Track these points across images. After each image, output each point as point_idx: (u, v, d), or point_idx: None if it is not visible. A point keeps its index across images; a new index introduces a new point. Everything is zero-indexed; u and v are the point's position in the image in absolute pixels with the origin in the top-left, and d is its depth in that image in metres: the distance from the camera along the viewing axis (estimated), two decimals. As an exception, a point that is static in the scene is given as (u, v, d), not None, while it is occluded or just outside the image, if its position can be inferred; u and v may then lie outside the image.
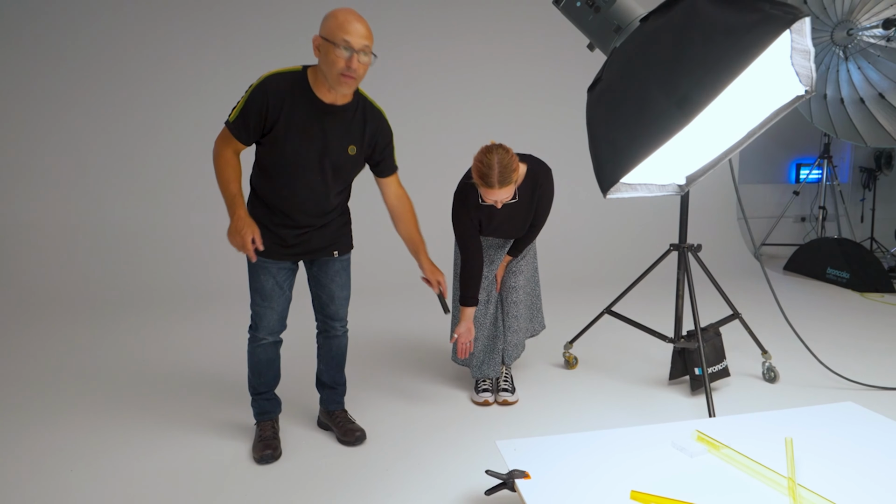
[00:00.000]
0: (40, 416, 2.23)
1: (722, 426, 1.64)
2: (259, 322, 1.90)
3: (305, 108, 1.67)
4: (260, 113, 1.64)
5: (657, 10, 0.92)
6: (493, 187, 1.96)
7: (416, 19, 4.65)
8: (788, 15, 0.75)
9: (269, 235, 1.80)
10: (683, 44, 0.82)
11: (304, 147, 1.70)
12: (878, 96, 4.47)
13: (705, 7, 0.81)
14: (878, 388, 2.44)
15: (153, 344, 3.06)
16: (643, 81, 0.85)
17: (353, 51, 1.56)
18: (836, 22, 4.55)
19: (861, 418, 1.70)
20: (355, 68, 1.57)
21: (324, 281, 1.95)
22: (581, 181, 4.50)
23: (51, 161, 4.19)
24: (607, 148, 0.87)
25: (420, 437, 2.07)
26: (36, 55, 4.11)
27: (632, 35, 0.96)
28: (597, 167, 0.93)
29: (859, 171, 5.85)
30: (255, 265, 1.84)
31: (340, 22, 1.56)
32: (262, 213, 1.81)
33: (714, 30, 0.78)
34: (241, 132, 1.68)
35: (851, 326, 3.36)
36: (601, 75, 0.97)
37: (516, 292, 2.39)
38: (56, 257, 4.10)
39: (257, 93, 1.64)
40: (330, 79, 1.60)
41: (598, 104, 0.95)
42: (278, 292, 1.88)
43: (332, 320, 2.01)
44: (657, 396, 2.39)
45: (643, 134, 0.81)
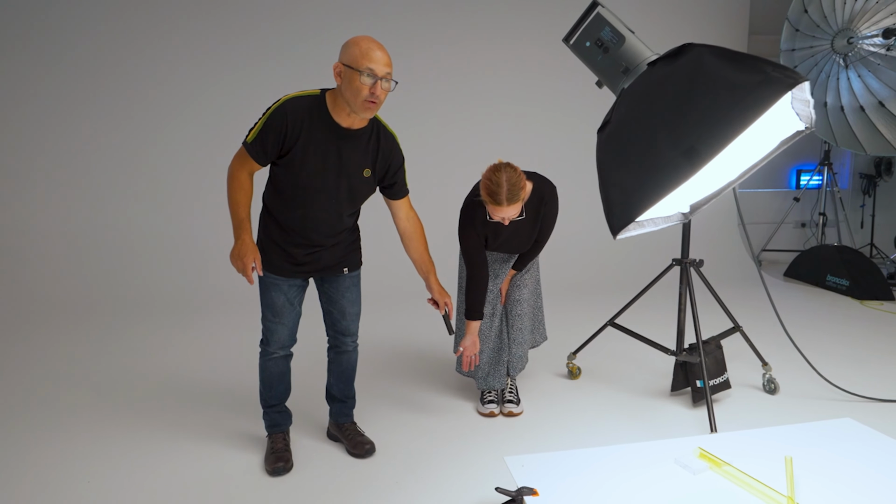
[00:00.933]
0: (47, 427, 2.28)
1: (723, 442, 1.68)
2: (270, 337, 1.95)
3: (323, 131, 1.71)
4: (279, 134, 1.68)
5: (664, 58, 0.96)
6: (502, 205, 2.02)
7: (421, 29, 4.69)
8: (789, 79, 0.79)
9: (280, 253, 1.84)
10: (690, 96, 0.86)
11: (320, 170, 1.74)
12: (878, 104, 4.50)
13: (711, 62, 0.85)
14: (876, 401, 2.49)
15: (161, 352, 3.11)
16: (651, 129, 0.90)
17: (376, 78, 1.62)
18: (836, 30, 4.58)
19: (859, 435, 1.74)
20: (378, 95, 1.64)
21: (335, 297, 2.00)
22: (584, 190, 4.55)
23: (53, 167, 4.23)
24: (617, 193, 0.92)
25: (428, 449, 2.11)
26: (38, 61, 4.15)
27: (640, 78, 1.01)
28: (607, 210, 0.97)
29: (859, 177, 5.89)
30: (266, 282, 1.89)
31: (364, 50, 1.61)
32: (275, 231, 1.85)
33: (719, 85, 0.83)
34: (259, 153, 1.71)
35: (850, 336, 3.40)
36: (610, 117, 1.02)
37: (521, 305, 2.44)
38: (60, 263, 4.14)
39: (277, 115, 1.68)
40: (354, 105, 1.65)
41: (607, 147, 0.99)
42: (289, 308, 1.92)
43: (343, 336, 2.06)
44: (659, 408, 2.44)
45: (651, 182, 0.86)
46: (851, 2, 4.48)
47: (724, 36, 5.29)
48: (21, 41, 4.11)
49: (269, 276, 1.88)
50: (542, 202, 2.26)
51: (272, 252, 1.86)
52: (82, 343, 3.27)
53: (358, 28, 4.52)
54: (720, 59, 0.86)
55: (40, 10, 4.11)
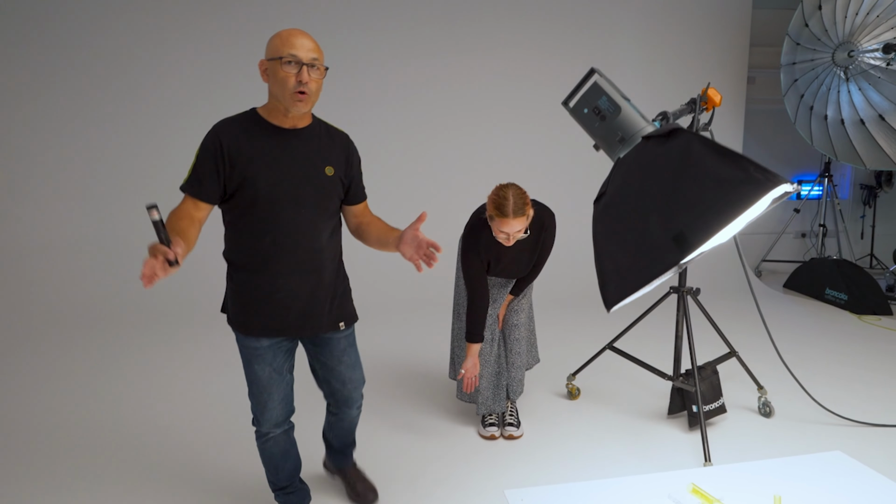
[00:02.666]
0: (36, 465, 2.34)
1: (716, 477, 1.74)
2: (261, 415, 1.68)
3: (266, 136, 1.53)
4: (215, 156, 1.48)
5: (657, 137, 1.02)
6: (508, 217, 2.07)
7: (418, 40, 4.73)
8: (769, 182, 0.85)
9: (255, 310, 1.58)
10: (679, 182, 0.92)
11: (277, 178, 1.51)
12: (878, 118, 4.52)
13: (699, 151, 0.90)
14: (869, 425, 2.54)
15: (161, 368, 3.16)
16: (643, 209, 0.96)
17: (301, 63, 1.45)
18: (837, 43, 4.61)
19: (848, 470, 1.79)
20: (307, 83, 1.45)
21: (331, 364, 1.73)
22: (581, 205, 4.59)
23: (56, 173, 4.27)
24: (611, 269, 0.97)
25: (432, 477, 2.16)
26: (41, 68, 4.18)
27: (634, 150, 1.06)
28: (601, 284, 1.03)
29: (860, 188, 5.92)
30: (246, 353, 1.61)
31: (284, 38, 1.46)
32: (247, 287, 1.58)
33: (706, 176, 0.88)
34: (197, 185, 1.49)
35: (847, 354, 3.45)
36: (605, 189, 1.07)
37: (518, 330, 2.51)
38: (62, 271, 4.19)
39: (208, 139, 1.50)
40: (284, 100, 1.48)
41: (602, 220, 1.05)
42: (277, 380, 1.65)
43: (347, 406, 1.82)
44: (656, 431, 2.50)
45: (644, 263, 0.92)
46: (852, 16, 4.51)
47: (726, 48, 5.32)
48: (23, 53, 4.15)
49: (246, 344, 1.60)
50: (542, 228, 2.32)
51: (247, 312, 1.58)
52: (84, 354, 3.33)
53: (357, 37, 4.56)
54: (707, 149, 0.91)
55: (41, 21, 4.16)
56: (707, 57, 5.27)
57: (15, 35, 4.12)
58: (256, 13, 4.45)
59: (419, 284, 4.27)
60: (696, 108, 2.12)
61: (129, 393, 2.89)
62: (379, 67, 4.67)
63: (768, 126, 5.84)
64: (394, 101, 4.68)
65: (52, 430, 2.50)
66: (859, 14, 4.39)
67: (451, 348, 2.62)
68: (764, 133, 5.88)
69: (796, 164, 5.95)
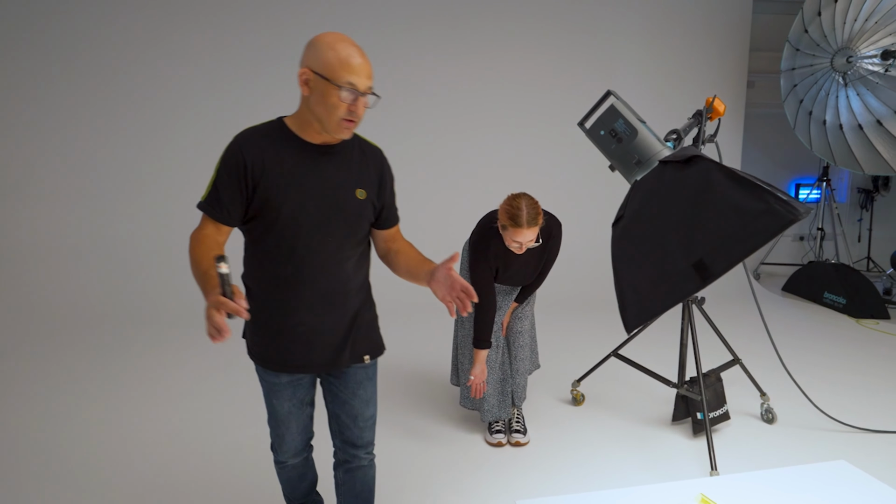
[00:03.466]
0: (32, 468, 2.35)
1: (723, 486, 1.77)
2: (280, 445, 1.63)
3: (293, 153, 1.37)
4: (238, 173, 1.32)
5: (674, 163, 1.04)
6: (522, 227, 2.09)
7: (419, 40, 4.74)
8: (790, 214, 0.87)
9: (278, 345, 1.46)
10: (700, 210, 0.94)
11: (302, 201, 1.36)
12: (876, 123, 4.56)
13: (720, 180, 0.93)
14: (869, 431, 2.58)
15: (160, 370, 3.17)
16: (662, 234, 0.98)
17: (357, 94, 1.29)
18: (836, 49, 4.64)
19: (852, 479, 1.83)
20: (359, 113, 1.32)
21: (344, 396, 1.56)
22: (585, 209, 4.62)
23: (53, 177, 4.26)
24: (631, 293, 1.00)
25: (443, 487, 2.19)
26: (38, 71, 4.16)
27: (651, 174, 1.08)
28: (621, 307, 1.05)
29: (857, 191, 5.97)
30: (266, 385, 1.52)
31: (343, 59, 1.27)
32: (265, 316, 1.44)
33: (727, 206, 0.90)
34: (218, 207, 1.34)
35: (846, 359, 3.49)
36: (623, 212, 1.10)
37: (522, 336, 2.55)
38: (63, 274, 4.18)
39: (229, 152, 1.35)
40: (327, 124, 1.32)
41: (621, 243, 1.07)
42: (297, 413, 1.57)
43: (354, 448, 1.62)
44: (661, 438, 2.53)
45: (665, 289, 0.94)
46: (851, 22, 4.54)
47: (726, 53, 5.35)
48: (19, 56, 4.13)
49: (265, 378, 1.50)
50: (549, 236, 2.35)
51: (266, 345, 1.47)
52: (83, 357, 3.34)
53: (362, 39, 4.56)
54: (727, 179, 0.93)
55: (38, 25, 4.14)
56: (707, 61, 5.30)
57: (12, 39, 4.11)
58: (257, 15, 4.45)
59: (420, 289, 4.29)
60: (703, 119, 2.15)
61: (127, 396, 2.90)
62: (384, 70, 4.68)
63: (768, 130, 5.88)
64: (399, 105, 4.69)
65: (52, 432, 2.51)
66: (858, 20, 4.43)
67: (454, 355, 2.65)
68: (763, 137, 5.92)
69: (795, 168, 6.00)
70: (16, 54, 4.12)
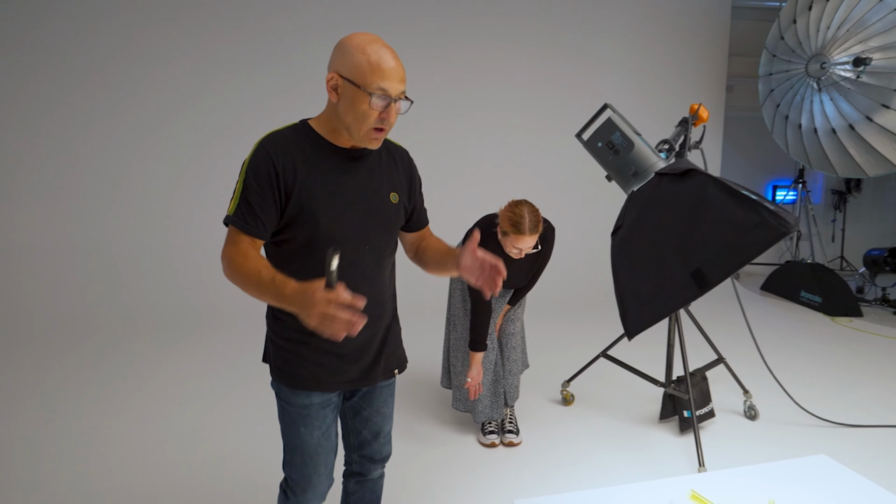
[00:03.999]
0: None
1: (712, 482, 1.84)
2: (304, 486, 1.41)
3: (325, 158, 1.28)
4: (268, 178, 1.21)
5: (671, 175, 1.09)
6: (524, 234, 2.14)
7: (421, 40, 4.77)
8: (781, 227, 0.93)
9: (309, 360, 1.34)
10: (696, 220, 0.99)
11: (338, 210, 1.27)
12: (848, 127, 4.72)
13: (715, 193, 0.98)
14: (846, 426, 2.69)
15: (158, 377, 3.15)
16: (661, 244, 1.03)
17: (390, 100, 1.20)
18: (810, 55, 4.79)
19: (833, 473, 1.92)
20: (392, 122, 1.23)
21: (367, 413, 1.49)
22: (577, 208, 4.69)
23: (48, 180, 4.22)
24: (631, 300, 1.05)
25: (439, 487, 2.22)
26: (33, 75, 4.12)
27: (648, 185, 1.13)
28: (622, 314, 1.10)
29: (831, 193, 6.17)
30: (293, 411, 1.35)
31: (374, 62, 1.17)
32: (296, 333, 1.30)
33: (723, 219, 0.96)
34: (252, 218, 1.22)
35: (823, 356, 3.62)
36: (621, 222, 1.15)
37: (514, 338, 2.60)
38: (56, 278, 4.14)
39: (257, 158, 1.23)
40: (356, 133, 1.23)
41: (620, 252, 1.12)
42: (325, 446, 1.39)
43: (372, 462, 1.55)
44: (649, 436, 2.60)
45: (664, 297, 0.99)
46: (824, 29, 4.69)
47: (707, 58, 5.49)
48: (14, 61, 4.07)
49: (293, 401, 1.35)
50: (544, 240, 2.40)
51: (296, 364, 1.34)
52: (79, 361, 3.30)
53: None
54: (723, 192, 0.99)
55: (32, 31, 4.08)
56: (688, 65, 5.43)
57: (8, 43, 4.04)
58: (255, 19, 4.43)
59: (412, 291, 4.31)
60: (689, 127, 2.22)
61: (126, 399, 2.88)
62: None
63: (746, 133, 6.04)
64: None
65: (48, 434, 2.49)
66: (831, 28, 4.58)
67: (445, 357, 2.68)
68: (742, 140, 6.08)
69: (772, 170, 6.17)
70: (12, 58, 4.05)
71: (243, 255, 1.20)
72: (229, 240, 1.24)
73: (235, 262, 1.19)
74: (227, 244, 1.23)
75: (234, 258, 1.20)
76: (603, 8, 5.12)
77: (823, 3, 4.61)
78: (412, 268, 1.58)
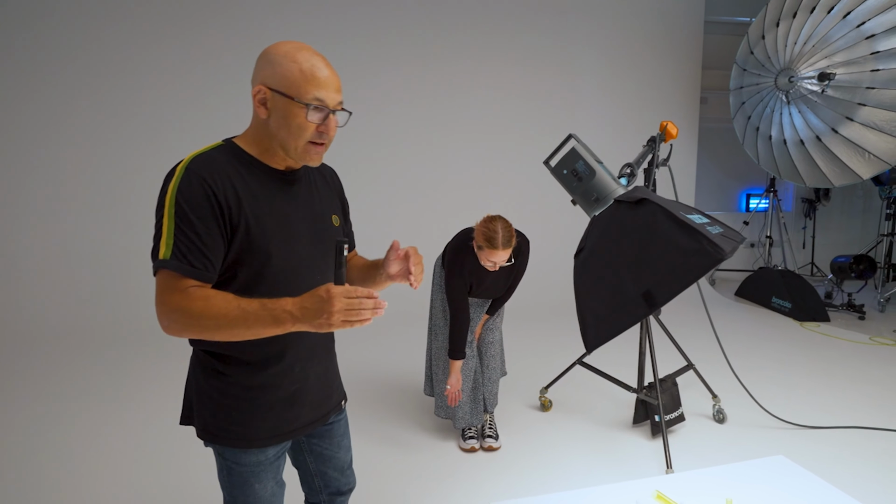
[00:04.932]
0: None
1: (677, 482, 1.95)
2: None
3: (264, 182, 1.13)
4: (211, 209, 1.05)
5: (626, 203, 1.20)
6: (498, 248, 2.23)
7: (388, 56, 4.86)
8: (717, 254, 1.05)
9: (268, 415, 1.21)
10: (647, 247, 1.10)
11: (290, 236, 1.15)
12: (815, 139, 4.92)
13: (662, 222, 1.09)
14: (809, 428, 2.83)
15: (154, 386, 3.19)
16: (616, 267, 1.14)
17: (327, 111, 1.10)
18: (779, 69, 4.99)
19: (790, 473, 2.04)
20: (330, 134, 1.12)
21: (329, 451, 1.41)
22: (551, 216, 4.81)
23: (45, 188, 4.23)
24: (591, 317, 1.15)
25: (419, 492, 2.30)
26: (29, 81, 4.13)
27: (608, 211, 1.24)
28: (582, 330, 1.20)
29: (801, 201, 6.38)
30: (244, 471, 1.21)
31: (306, 70, 1.07)
32: (251, 387, 1.19)
33: (669, 245, 1.07)
34: (197, 257, 1.03)
35: (790, 360, 3.78)
36: (583, 245, 1.26)
37: (493, 347, 2.70)
38: (51, 286, 4.14)
39: (189, 186, 1.04)
40: (292, 149, 1.11)
41: (581, 273, 1.23)
42: (279, 493, 1.30)
43: (341, 494, 1.48)
44: (623, 439, 2.71)
45: (619, 315, 1.10)
46: (791, 45, 4.89)
47: (681, 70, 5.66)
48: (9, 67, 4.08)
49: (244, 461, 1.21)
50: (519, 253, 2.50)
51: (249, 421, 1.20)
52: (75, 369, 3.31)
53: (350, 44, 4.64)
54: (669, 220, 1.10)
55: (28, 36, 4.10)
56: (664, 78, 5.60)
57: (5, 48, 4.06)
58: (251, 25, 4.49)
59: (394, 302, 4.40)
60: (657, 145, 2.34)
61: (125, 404, 2.91)
62: (357, 81, 4.79)
63: (720, 143, 6.24)
64: (370, 118, 4.79)
65: (51, 437, 2.52)
66: (797, 43, 4.78)
67: (428, 366, 2.77)
68: (716, 150, 6.27)
69: (745, 179, 6.37)
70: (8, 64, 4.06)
71: (202, 298, 1.02)
72: (169, 288, 1.03)
73: (195, 309, 1.01)
74: (168, 293, 1.03)
75: (190, 305, 1.01)
76: (580, 22, 5.27)
77: (790, 19, 4.81)
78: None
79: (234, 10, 4.47)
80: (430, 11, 4.88)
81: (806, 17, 4.68)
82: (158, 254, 1.03)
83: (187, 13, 4.38)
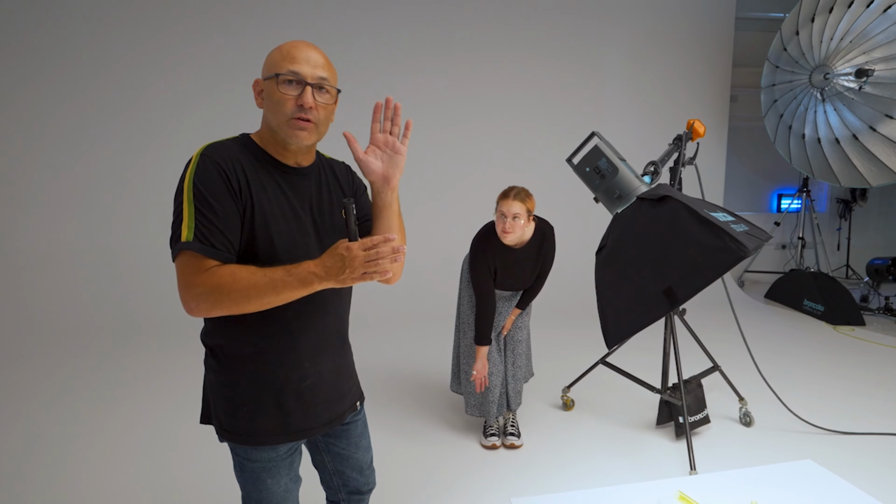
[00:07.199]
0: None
1: (700, 484, 1.93)
2: None
3: (273, 174, 1.16)
4: (228, 190, 1.08)
5: (649, 200, 1.20)
6: (509, 198, 2.35)
7: (420, 51, 4.89)
8: (739, 251, 1.04)
9: (277, 411, 1.21)
10: (670, 244, 1.10)
11: (296, 230, 1.17)
12: (852, 137, 4.77)
13: (685, 219, 1.09)
14: (839, 433, 2.76)
15: (159, 381, 3.28)
16: (639, 263, 1.14)
17: (304, 83, 1.11)
18: (813, 66, 4.85)
19: (818, 477, 2.00)
20: (311, 107, 1.11)
21: (347, 452, 1.41)
22: (576, 215, 4.79)
23: (53, 187, 4.35)
24: (611, 313, 1.16)
25: (439, 487, 2.32)
26: (36, 81, 4.25)
27: (630, 208, 1.24)
28: (603, 326, 1.21)
29: (836, 202, 6.20)
30: (256, 467, 1.22)
31: (284, 51, 1.13)
32: (258, 383, 1.20)
33: (691, 242, 1.07)
34: (217, 237, 1.06)
35: (822, 364, 3.68)
36: (605, 242, 1.26)
37: (520, 345, 2.70)
38: (58, 284, 4.26)
39: (205, 170, 1.08)
40: (279, 129, 1.13)
41: (603, 270, 1.23)
42: (293, 490, 1.30)
43: (360, 494, 1.49)
44: (646, 440, 2.69)
45: (639, 312, 1.10)
46: (827, 41, 4.76)
47: (711, 68, 5.56)
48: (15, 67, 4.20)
49: (255, 457, 1.22)
50: (544, 238, 2.52)
51: (259, 417, 1.21)
52: (84, 367, 3.43)
53: (356, 49, 4.69)
54: (692, 218, 1.10)
55: (33, 36, 4.22)
56: (692, 76, 5.51)
57: (9, 49, 4.19)
58: (256, 25, 4.57)
59: (419, 298, 4.44)
60: (683, 143, 2.31)
61: (125, 403, 3.01)
62: (381, 80, 4.84)
63: (750, 142, 6.10)
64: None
65: (51, 438, 2.62)
66: (834, 39, 4.64)
67: (455, 363, 2.79)
68: (746, 149, 6.14)
69: (777, 179, 6.22)
70: (16, 64, 4.20)
71: (229, 274, 1.04)
72: (193, 269, 1.04)
73: (224, 284, 1.03)
74: (193, 274, 1.04)
75: (218, 282, 1.03)
76: (607, 20, 5.22)
77: (826, 14, 4.68)
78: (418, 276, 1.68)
79: (243, 13, 4.54)
80: (458, 14, 4.90)
81: (843, 13, 4.54)
82: (180, 237, 1.05)
83: (201, 14, 4.48)
